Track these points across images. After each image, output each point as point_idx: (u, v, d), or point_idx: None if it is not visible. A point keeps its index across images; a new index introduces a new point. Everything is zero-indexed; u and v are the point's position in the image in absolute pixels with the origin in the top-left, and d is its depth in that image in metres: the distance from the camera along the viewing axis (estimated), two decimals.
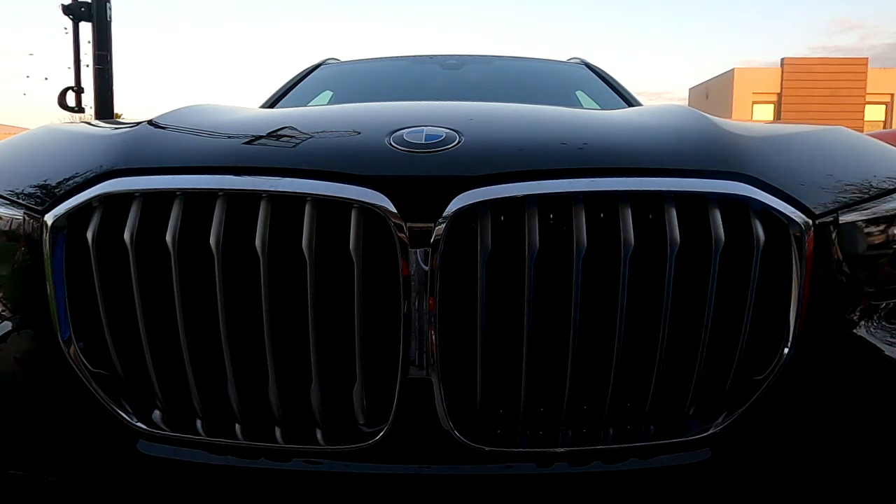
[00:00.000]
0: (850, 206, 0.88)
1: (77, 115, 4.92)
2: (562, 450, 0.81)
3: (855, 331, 0.87)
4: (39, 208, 0.87)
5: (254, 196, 0.81)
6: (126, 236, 0.81)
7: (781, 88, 24.75)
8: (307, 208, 0.79)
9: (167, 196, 0.83)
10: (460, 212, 0.78)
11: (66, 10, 4.55)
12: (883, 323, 0.89)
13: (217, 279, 0.80)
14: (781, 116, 24.28)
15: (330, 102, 2.33)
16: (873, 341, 0.87)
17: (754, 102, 25.32)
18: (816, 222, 0.85)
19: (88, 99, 4.72)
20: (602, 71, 2.59)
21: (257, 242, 0.79)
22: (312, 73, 2.58)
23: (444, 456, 0.81)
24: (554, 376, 0.82)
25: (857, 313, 0.88)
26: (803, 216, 0.84)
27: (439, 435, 0.81)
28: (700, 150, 0.92)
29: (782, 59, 25.12)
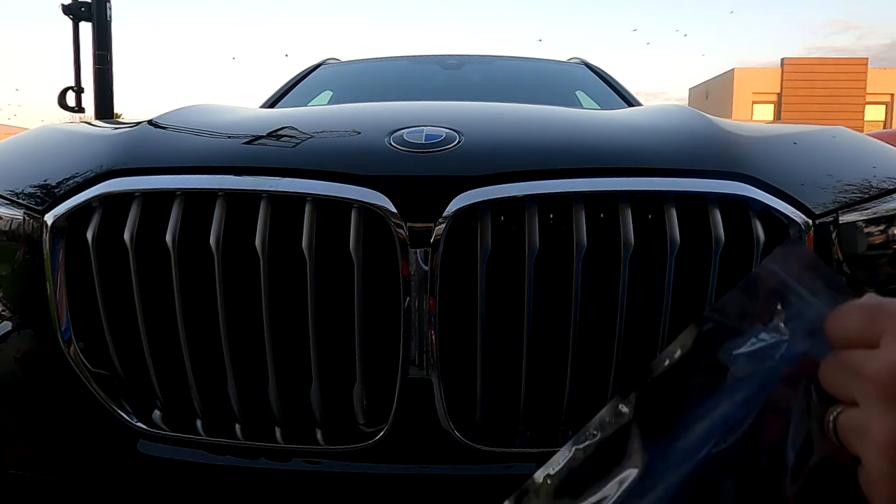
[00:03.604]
0: (850, 206, 0.88)
1: (77, 115, 4.91)
2: None
3: None
4: (39, 208, 0.87)
5: (254, 196, 0.81)
6: (126, 236, 0.81)
7: (781, 88, 24.75)
8: (307, 208, 0.79)
9: (167, 196, 0.83)
10: (460, 212, 0.78)
11: (66, 9, 4.54)
12: None
13: (217, 279, 0.80)
14: (781, 116, 24.28)
15: (330, 102, 2.33)
16: None
17: (754, 102, 25.33)
18: (816, 222, 0.85)
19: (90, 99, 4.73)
20: (602, 71, 2.59)
21: (257, 242, 0.79)
22: (312, 73, 2.58)
23: (444, 456, 0.81)
24: (554, 376, 0.82)
25: None
26: (803, 216, 0.84)
27: (439, 435, 0.81)
28: (700, 149, 0.92)
29: (782, 60, 25.13)
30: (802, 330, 0.39)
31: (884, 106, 25.38)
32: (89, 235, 0.82)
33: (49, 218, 0.85)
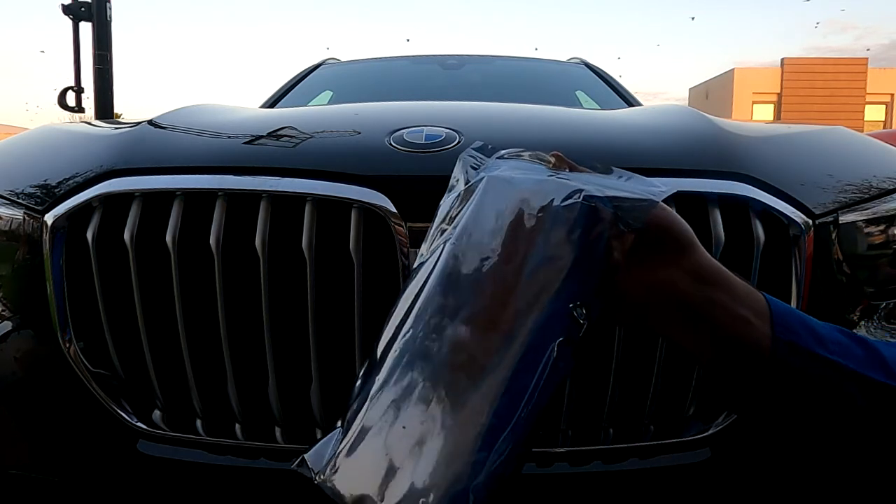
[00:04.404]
0: (850, 206, 0.88)
1: (77, 115, 4.91)
2: (562, 450, 0.81)
3: (855, 331, 0.87)
4: (39, 208, 0.87)
5: (254, 196, 0.81)
6: (126, 236, 0.81)
7: (781, 88, 24.74)
8: (307, 208, 0.79)
9: (167, 196, 0.83)
10: None
11: (66, 9, 4.53)
12: (883, 323, 0.89)
13: (217, 279, 0.80)
14: (781, 116, 24.26)
15: (330, 102, 2.33)
16: None
17: (754, 102, 25.31)
18: (816, 222, 0.85)
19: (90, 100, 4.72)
20: (602, 71, 2.58)
21: (257, 242, 0.79)
22: (312, 73, 2.58)
23: None
24: None
25: (857, 313, 0.88)
26: (803, 216, 0.84)
27: None
28: (700, 149, 0.92)
29: (782, 59, 25.12)
30: None
31: (884, 106, 25.36)
32: (89, 235, 0.82)
33: (49, 218, 0.85)
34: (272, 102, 2.32)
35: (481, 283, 0.43)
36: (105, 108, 4.67)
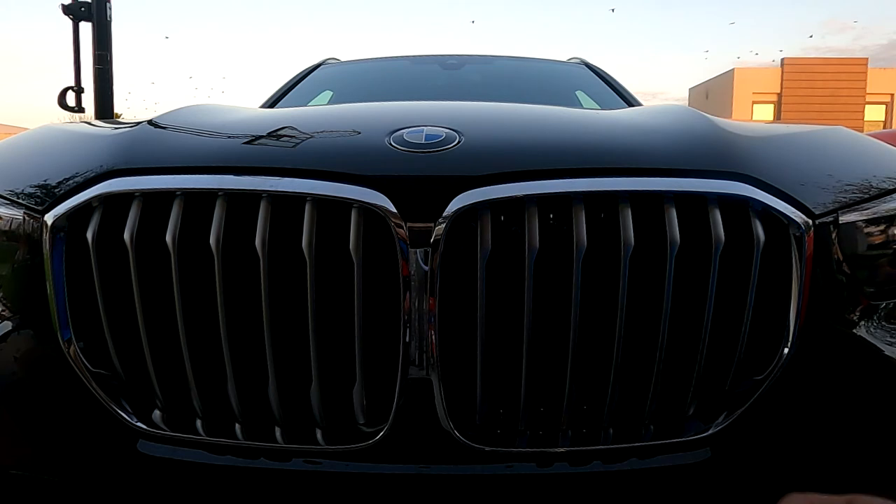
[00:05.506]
0: (850, 206, 0.88)
1: (77, 115, 4.91)
2: (562, 450, 0.81)
3: (855, 331, 0.87)
4: (39, 208, 0.87)
5: (254, 196, 0.81)
6: (126, 236, 0.81)
7: (781, 88, 24.74)
8: (307, 208, 0.80)
9: (167, 196, 0.83)
10: (460, 212, 0.78)
11: (66, 10, 4.53)
12: (883, 323, 0.89)
13: (217, 279, 0.80)
14: (781, 116, 24.26)
15: (330, 102, 2.33)
16: (873, 341, 0.87)
17: (754, 102, 25.31)
18: (816, 222, 0.85)
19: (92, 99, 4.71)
20: (602, 71, 2.59)
21: (257, 242, 0.79)
22: (312, 73, 2.58)
23: (444, 456, 0.81)
24: (554, 376, 0.82)
25: (857, 313, 0.88)
26: (803, 216, 0.84)
27: (439, 435, 0.81)
28: (700, 149, 0.92)
29: (782, 59, 25.12)
30: None
31: (884, 106, 25.36)
32: (89, 235, 0.82)
33: (49, 218, 0.85)
34: (272, 102, 2.32)
35: None
36: (105, 108, 4.66)
